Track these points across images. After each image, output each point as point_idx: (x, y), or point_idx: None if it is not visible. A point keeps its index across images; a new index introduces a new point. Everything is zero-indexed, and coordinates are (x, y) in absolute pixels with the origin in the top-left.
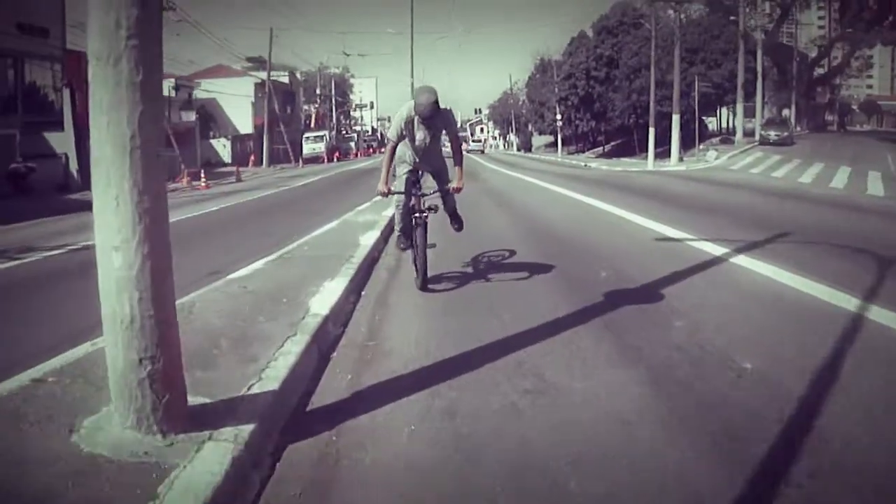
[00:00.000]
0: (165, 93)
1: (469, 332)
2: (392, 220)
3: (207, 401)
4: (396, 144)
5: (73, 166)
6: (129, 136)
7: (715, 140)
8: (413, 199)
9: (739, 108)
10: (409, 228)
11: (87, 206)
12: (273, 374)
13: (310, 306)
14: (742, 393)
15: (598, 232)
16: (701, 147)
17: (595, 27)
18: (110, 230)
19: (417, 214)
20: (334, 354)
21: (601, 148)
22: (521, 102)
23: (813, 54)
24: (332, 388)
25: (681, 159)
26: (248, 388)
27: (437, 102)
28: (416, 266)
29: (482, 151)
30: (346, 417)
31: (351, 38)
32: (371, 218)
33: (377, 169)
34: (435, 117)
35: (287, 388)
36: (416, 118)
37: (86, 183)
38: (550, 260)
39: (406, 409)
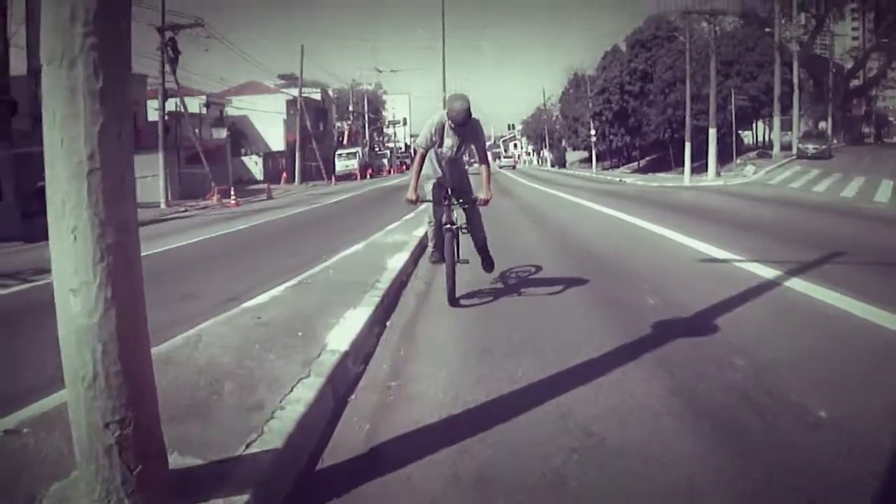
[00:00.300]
0: (195, 109)
1: (505, 373)
2: (423, 238)
3: (197, 462)
4: (426, 152)
5: None
6: (86, 155)
7: (752, 154)
8: (444, 211)
9: (776, 121)
10: (442, 242)
11: None
12: (278, 428)
13: (327, 341)
14: (823, 449)
15: (638, 250)
16: (738, 161)
17: (629, 41)
18: (66, 270)
19: (448, 225)
20: (352, 397)
21: (636, 163)
22: (554, 118)
23: (848, 65)
24: (347, 442)
25: (718, 174)
26: (247, 447)
27: (469, 110)
28: (448, 280)
29: (513, 167)
30: (361, 480)
31: (383, 53)
32: (401, 238)
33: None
34: (466, 124)
35: (294, 443)
36: (447, 124)
37: None
38: (589, 279)
39: (430, 472)
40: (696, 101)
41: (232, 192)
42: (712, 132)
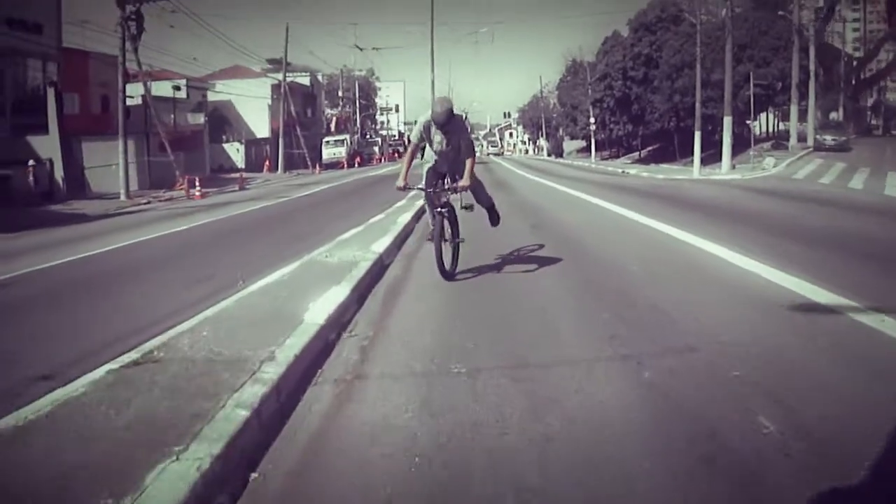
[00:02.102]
0: (162, 93)
1: None
2: (380, 260)
3: None
4: (417, 146)
5: (59, 173)
6: None
7: (766, 145)
8: (434, 195)
9: (793, 109)
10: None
11: (67, 219)
12: None
13: None
14: None
15: (686, 283)
16: (752, 152)
17: (632, 24)
18: None
19: (438, 209)
20: None
21: (637, 153)
22: (551, 106)
23: (856, 55)
24: None
25: (733, 167)
26: None
27: (450, 111)
28: (436, 258)
29: (499, 154)
30: None
31: (375, 38)
32: (352, 256)
33: (397, 175)
34: (448, 124)
35: None
36: (432, 124)
37: (72, 191)
38: (636, 368)
39: None
40: (706, 88)
41: (197, 184)
42: (727, 120)
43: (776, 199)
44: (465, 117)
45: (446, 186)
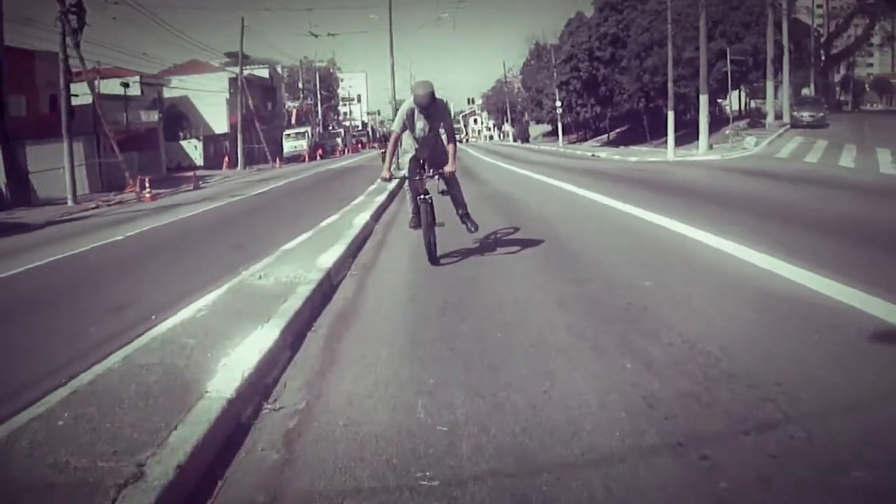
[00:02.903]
0: (115, 91)
1: None
2: (325, 279)
3: None
4: (399, 135)
5: (1, 179)
6: None
7: (741, 123)
8: (418, 183)
9: (769, 85)
10: (419, 210)
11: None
12: None
13: None
14: None
15: (717, 299)
16: (728, 131)
17: (597, 3)
18: None
19: (422, 196)
20: None
21: (605, 136)
22: (516, 90)
23: (820, 30)
24: None
25: (710, 147)
26: None
27: (433, 94)
28: (426, 244)
29: (464, 141)
30: None
31: (336, 26)
32: (292, 275)
33: (360, 168)
34: (431, 107)
35: None
36: (415, 109)
37: (17, 198)
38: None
39: None
40: (677, 66)
41: (147, 185)
42: (703, 99)
43: (760, 181)
44: (447, 102)
45: (431, 173)
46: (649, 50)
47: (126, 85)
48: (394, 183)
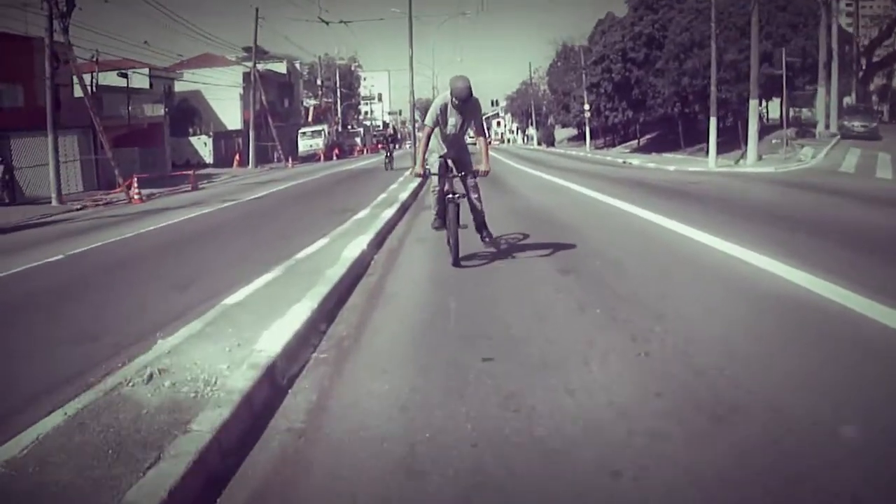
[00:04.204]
0: (121, 83)
1: None
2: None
3: None
4: (432, 130)
5: None
6: None
7: (789, 132)
8: (447, 182)
9: (821, 92)
10: (444, 211)
11: None
12: None
13: None
14: None
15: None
16: (773, 141)
17: (631, 2)
18: None
19: (451, 196)
20: None
21: (634, 142)
22: (541, 93)
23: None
24: None
25: (759, 157)
26: None
27: (470, 88)
28: (449, 245)
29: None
30: None
31: (356, 19)
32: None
33: (375, 171)
34: (468, 102)
35: None
36: (450, 103)
37: None
38: None
39: None
40: (718, 69)
41: (135, 185)
42: (753, 103)
43: (857, 203)
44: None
45: (462, 172)
46: (689, 51)
47: (125, 75)
48: (408, 192)
